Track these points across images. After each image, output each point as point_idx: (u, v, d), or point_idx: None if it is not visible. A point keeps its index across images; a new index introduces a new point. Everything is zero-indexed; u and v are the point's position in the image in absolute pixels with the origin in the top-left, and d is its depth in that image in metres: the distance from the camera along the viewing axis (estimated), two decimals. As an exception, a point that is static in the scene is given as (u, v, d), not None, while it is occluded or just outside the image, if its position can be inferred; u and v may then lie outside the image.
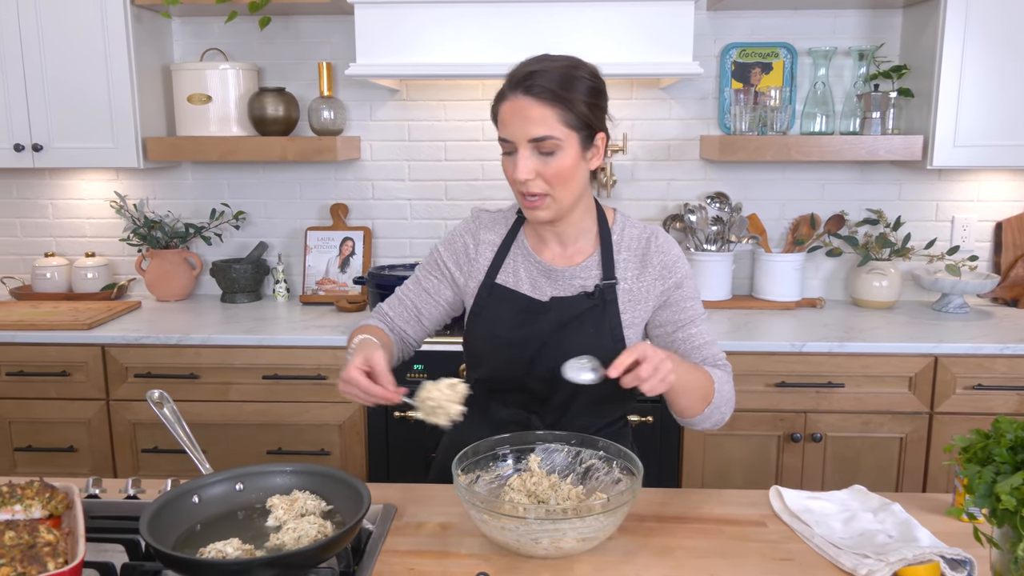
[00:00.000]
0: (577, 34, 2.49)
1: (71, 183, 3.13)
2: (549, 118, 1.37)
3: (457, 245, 1.61)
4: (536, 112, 1.37)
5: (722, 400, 1.45)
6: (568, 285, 1.52)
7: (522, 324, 1.51)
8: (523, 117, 1.37)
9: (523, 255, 1.56)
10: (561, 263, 1.54)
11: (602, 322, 1.48)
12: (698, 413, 1.43)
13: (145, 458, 2.62)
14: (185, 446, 1.38)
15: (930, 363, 2.43)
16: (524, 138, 1.38)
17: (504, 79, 1.43)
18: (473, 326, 1.57)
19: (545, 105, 1.37)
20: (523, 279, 1.55)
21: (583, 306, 1.49)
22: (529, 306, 1.52)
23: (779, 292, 2.90)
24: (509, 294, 1.54)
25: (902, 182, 2.98)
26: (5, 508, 1.21)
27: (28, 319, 2.67)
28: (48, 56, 2.70)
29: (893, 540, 1.23)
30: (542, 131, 1.37)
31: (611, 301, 1.49)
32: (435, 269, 1.62)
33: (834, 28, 2.90)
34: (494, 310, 1.54)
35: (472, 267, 1.59)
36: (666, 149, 3.01)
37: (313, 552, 1.10)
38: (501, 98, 1.42)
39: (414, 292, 1.64)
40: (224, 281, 3.01)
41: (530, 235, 1.57)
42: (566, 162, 1.39)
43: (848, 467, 2.50)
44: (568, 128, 1.38)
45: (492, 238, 1.59)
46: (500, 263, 1.56)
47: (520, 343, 1.50)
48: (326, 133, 2.88)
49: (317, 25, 2.99)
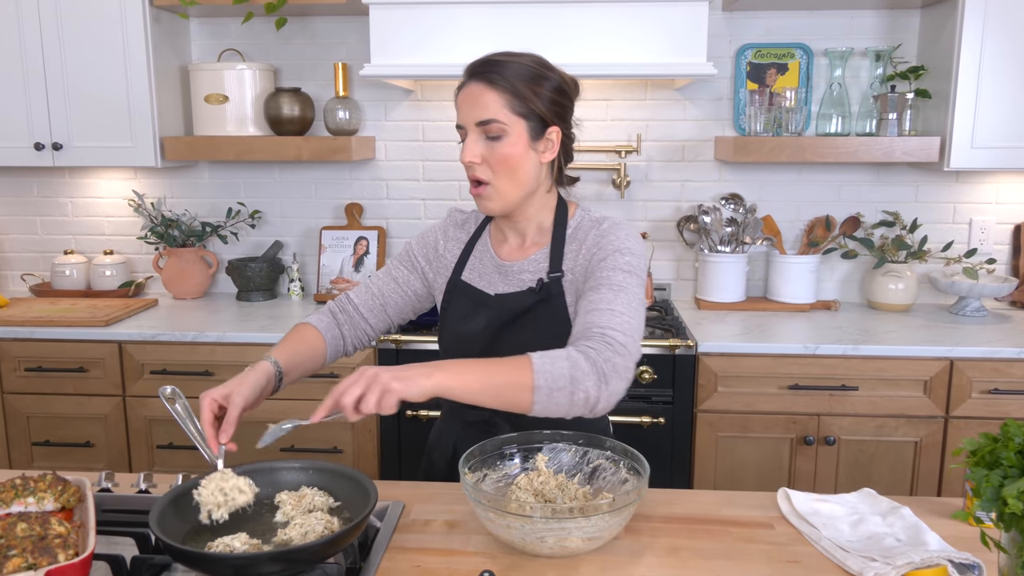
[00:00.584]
0: (591, 35, 2.49)
1: (90, 182, 3.16)
2: (495, 102, 1.40)
3: (428, 240, 1.64)
4: (485, 97, 1.40)
5: (555, 381, 1.22)
6: (517, 280, 1.52)
7: (474, 320, 1.52)
8: (472, 102, 1.41)
9: (483, 251, 1.58)
10: (515, 257, 1.54)
11: (547, 316, 1.47)
12: (530, 403, 1.23)
13: (160, 454, 2.64)
14: (196, 441, 1.39)
15: (946, 367, 2.41)
16: (472, 121, 1.42)
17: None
18: (441, 323, 1.59)
19: (493, 90, 1.40)
20: (480, 274, 1.56)
21: (527, 301, 1.48)
22: (481, 300, 1.53)
23: (793, 294, 2.88)
24: (468, 289, 1.56)
25: (919, 184, 2.96)
26: (18, 500, 1.22)
27: (47, 315, 2.70)
28: (68, 57, 2.73)
29: (901, 544, 1.22)
30: (487, 115, 1.40)
31: (557, 294, 1.47)
32: (406, 261, 1.65)
33: (851, 29, 2.88)
34: (456, 305, 1.56)
35: (440, 263, 1.62)
36: (680, 150, 3.00)
37: (319, 547, 1.10)
38: (459, 88, 1.46)
39: (383, 281, 1.65)
40: (240, 279, 3.03)
41: (493, 232, 1.60)
42: (511, 149, 1.41)
43: (862, 471, 2.48)
44: (514, 114, 1.40)
45: (461, 235, 1.62)
46: (466, 260, 1.59)
47: (472, 340, 1.51)
48: (341, 133, 2.90)
49: (333, 26, 3.00)
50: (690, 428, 2.49)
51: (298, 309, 2.92)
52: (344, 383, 1.19)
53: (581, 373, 1.24)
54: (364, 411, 1.18)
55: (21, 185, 3.18)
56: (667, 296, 3.06)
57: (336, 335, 1.61)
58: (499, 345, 1.48)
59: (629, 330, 1.31)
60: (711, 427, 2.48)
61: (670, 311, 2.84)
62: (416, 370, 1.21)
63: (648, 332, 2.54)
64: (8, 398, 2.65)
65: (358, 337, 1.64)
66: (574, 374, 1.23)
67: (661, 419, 2.46)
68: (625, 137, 2.99)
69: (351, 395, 1.17)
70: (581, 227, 1.51)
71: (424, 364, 1.22)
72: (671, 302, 2.99)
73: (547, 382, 1.22)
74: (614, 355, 1.27)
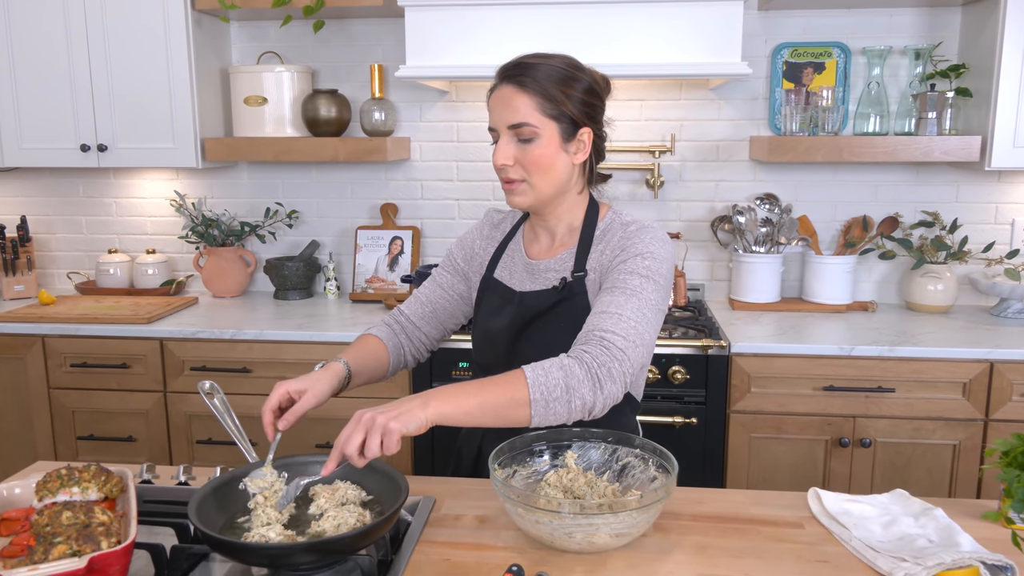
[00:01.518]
0: (625, 35, 2.49)
1: (134, 182, 3.24)
2: (527, 106, 1.41)
3: (466, 241, 1.69)
4: (516, 100, 1.42)
5: (550, 392, 1.24)
6: (543, 279, 1.54)
7: (501, 317, 1.54)
8: (504, 105, 1.43)
9: (516, 250, 1.60)
10: (544, 256, 1.56)
11: (569, 315, 1.47)
12: (528, 417, 1.25)
13: (199, 449, 2.70)
14: (233, 435, 1.42)
15: (985, 369, 2.37)
16: (504, 124, 1.43)
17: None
18: (474, 320, 1.63)
19: (525, 93, 1.41)
20: (511, 273, 1.59)
21: (550, 300, 1.50)
22: (507, 297, 1.56)
23: (829, 295, 2.86)
24: (499, 287, 1.59)
25: (960, 184, 2.91)
26: (63, 490, 1.27)
27: (91, 313, 2.78)
28: (113, 61, 2.80)
29: (933, 545, 1.21)
30: (519, 118, 1.41)
31: (580, 294, 1.48)
32: (448, 265, 1.69)
33: (889, 27, 2.85)
34: (487, 303, 1.59)
35: (476, 262, 1.66)
36: (715, 150, 2.99)
37: (352, 539, 1.13)
38: (491, 90, 1.47)
39: (429, 289, 1.69)
40: (277, 278, 3.08)
41: (526, 231, 1.62)
42: (543, 150, 1.42)
43: (898, 474, 2.45)
44: (546, 117, 1.42)
45: (496, 235, 1.66)
46: (499, 258, 1.62)
47: (497, 336, 1.54)
48: (377, 134, 2.93)
49: (369, 28, 3.04)
50: (723, 429, 2.48)
51: (333, 308, 2.96)
52: (345, 432, 1.18)
53: (576, 380, 1.25)
54: (369, 456, 1.17)
55: (67, 186, 3.27)
56: (701, 296, 3.04)
57: (397, 344, 1.65)
58: (522, 342, 1.50)
59: (632, 335, 1.31)
60: (744, 428, 2.47)
61: (703, 311, 2.83)
62: (411, 403, 1.20)
63: (681, 332, 2.53)
64: (54, 393, 2.73)
65: (416, 348, 1.68)
66: (568, 382, 1.25)
67: (694, 419, 2.45)
68: (659, 137, 2.99)
69: (353, 443, 1.16)
70: (610, 228, 1.51)
71: (418, 395, 1.22)
72: (705, 302, 2.98)
73: (543, 394, 1.23)
74: (610, 360, 1.28)
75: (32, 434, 2.76)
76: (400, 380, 2.58)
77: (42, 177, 3.27)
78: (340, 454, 1.19)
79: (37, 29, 2.80)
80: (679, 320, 2.68)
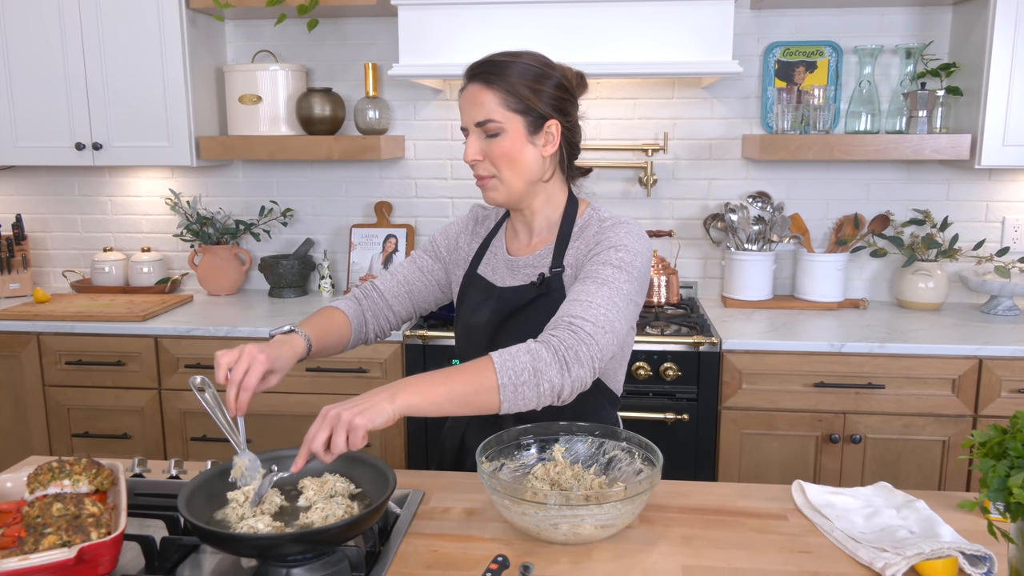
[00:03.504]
0: (617, 33, 2.51)
1: (129, 181, 3.25)
2: (491, 102, 1.43)
3: (451, 233, 1.70)
4: (481, 97, 1.44)
5: (518, 376, 1.24)
6: (523, 274, 1.55)
7: (482, 312, 1.56)
8: (471, 103, 1.46)
9: (498, 247, 1.62)
10: (523, 252, 1.58)
11: (548, 310, 1.46)
12: (497, 403, 1.25)
13: (194, 446, 2.71)
14: (224, 429, 1.43)
15: (975, 365, 2.39)
16: (471, 122, 1.46)
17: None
18: (456, 315, 1.64)
19: (489, 90, 1.44)
20: (493, 269, 1.61)
21: (529, 295, 1.52)
22: (489, 293, 1.58)
23: (821, 292, 2.87)
24: (481, 283, 1.60)
25: (951, 182, 2.93)
26: (55, 482, 1.28)
27: (86, 311, 2.79)
28: (108, 59, 2.82)
29: (914, 536, 1.22)
30: (484, 114, 1.44)
31: (557, 289, 1.50)
32: (431, 251, 1.70)
33: (881, 26, 2.87)
34: (469, 298, 1.61)
35: (458, 256, 1.67)
36: (707, 148, 3.00)
37: (340, 530, 1.14)
38: (460, 90, 1.50)
39: (408, 270, 1.69)
40: (272, 276, 3.09)
41: (508, 228, 1.64)
42: (510, 144, 1.44)
43: (888, 469, 2.46)
44: (510, 111, 1.44)
45: (480, 231, 1.68)
46: (482, 255, 1.64)
47: (477, 331, 1.56)
48: (371, 132, 2.95)
49: (363, 27, 3.06)
50: (714, 425, 2.50)
51: (328, 305, 2.97)
52: (312, 429, 1.18)
53: (543, 364, 1.25)
54: (335, 452, 1.17)
55: (63, 184, 3.28)
56: (693, 294, 3.06)
57: (361, 321, 1.64)
58: (501, 337, 1.52)
59: (602, 321, 1.32)
60: (735, 424, 2.48)
61: (696, 309, 2.84)
62: (378, 396, 1.20)
63: (673, 330, 2.54)
64: (49, 390, 2.74)
65: (380, 324, 1.67)
66: (536, 365, 1.25)
67: (685, 416, 2.47)
68: (652, 135, 3.00)
69: (319, 440, 1.17)
70: (588, 224, 1.53)
71: (386, 387, 1.22)
72: (697, 300, 2.99)
73: (511, 379, 1.24)
74: (578, 343, 1.28)
75: (27, 431, 2.77)
76: (394, 372, 2.59)
77: (37, 175, 3.28)
78: (308, 451, 1.19)
79: (32, 27, 2.82)
80: (671, 317, 2.69)
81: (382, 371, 2.60)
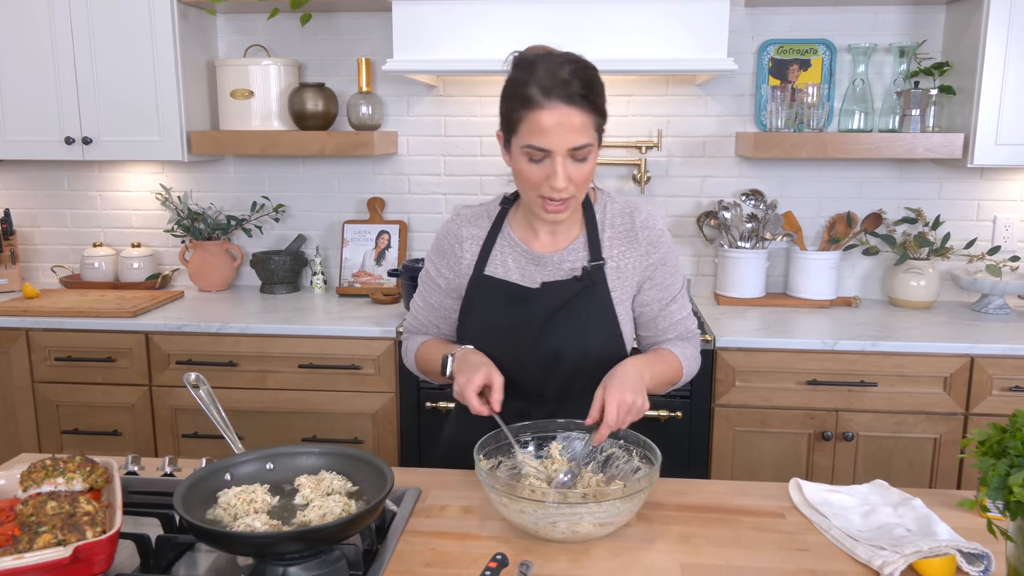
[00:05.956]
0: (612, 30, 2.50)
1: (119, 175, 3.23)
2: (587, 126, 1.37)
3: (443, 248, 1.63)
4: (576, 121, 1.36)
5: (687, 375, 1.61)
6: (557, 270, 1.54)
7: (515, 313, 1.53)
8: (567, 127, 1.35)
9: (510, 245, 1.57)
10: (550, 249, 1.56)
11: (593, 303, 1.51)
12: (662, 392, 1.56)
13: (185, 443, 2.70)
14: (218, 426, 1.43)
15: (966, 363, 2.40)
16: (565, 147, 1.36)
17: (518, 77, 1.40)
18: (465, 318, 1.60)
19: (583, 113, 1.36)
20: (512, 268, 1.56)
21: (573, 289, 1.52)
22: (520, 294, 1.54)
23: (814, 290, 2.88)
24: (498, 284, 1.56)
25: (943, 181, 2.94)
26: (48, 480, 1.27)
27: (76, 306, 2.77)
28: (98, 53, 2.79)
29: (911, 534, 1.23)
30: (583, 139, 1.37)
31: (600, 281, 1.52)
32: (432, 284, 1.66)
33: (875, 25, 2.87)
34: (484, 300, 1.57)
35: (460, 264, 1.60)
36: (701, 146, 3.00)
37: (337, 528, 1.13)
38: (532, 104, 1.36)
39: (426, 311, 1.69)
40: (263, 272, 3.08)
41: (518, 226, 1.59)
42: (592, 165, 1.42)
43: (880, 467, 2.47)
44: (596, 131, 1.41)
45: (476, 232, 1.60)
46: (487, 256, 1.58)
47: (514, 330, 1.53)
48: (364, 128, 2.93)
49: (356, 22, 3.04)
50: (708, 423, 2.50)
51: (320, 302, 2.96)
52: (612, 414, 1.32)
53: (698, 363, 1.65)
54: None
55: (52, 179, 3.25)
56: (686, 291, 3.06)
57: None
58: (549, 332, 1.51)
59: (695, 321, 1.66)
60: (728, 422, 2.49)
61: (689, 306, 2.85)
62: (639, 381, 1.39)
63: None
64: (38, 387, 2.72)
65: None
66: (696, 366, 1.64)
67: (678, 413, 2.47)
68: (646, 133, 3.00)
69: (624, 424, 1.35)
70: (609, 210, 1.56)
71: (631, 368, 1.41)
72: (690, 297, 2.99)
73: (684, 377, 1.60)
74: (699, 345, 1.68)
75: (16, 428, 2.75)
76: (387, 369, 2.58)
77: (26, 170, 3.25)
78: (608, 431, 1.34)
79: (21, 18, 2.79)
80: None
81: (375, 368, 2.59)
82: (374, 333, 2.57)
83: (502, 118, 1.44)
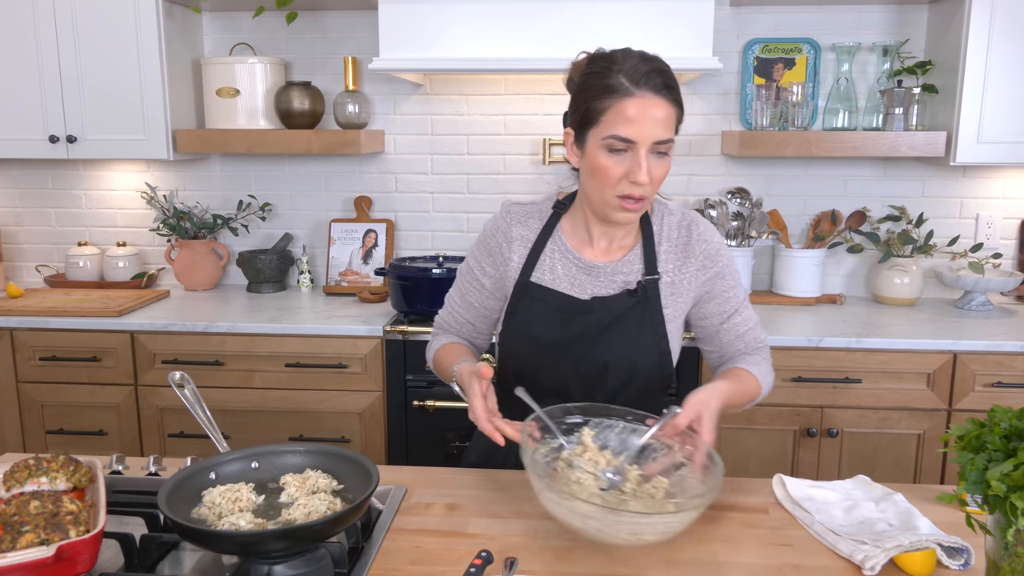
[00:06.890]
0: (598, 29, 2.51)
1: (104, 174, 3.21)
2: (672, 119, 1.34)
3: (491, 246, 1.56)
4: (664, 113, 1.32)
5: (765, 391, 1.55)
6: (610, 282, 1.48)
7: (563, 325, 1.47)
8: (653, 118, 1.31)
9: (561, 252, 1.51)
10: (603, 259, 1.50)
11: (644, 319, 1.45)
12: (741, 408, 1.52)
13: (171, 442, 2.69)
14: (204, 425, 1.43)
15: (949, 360, 2.42)
16: (651, 139, 1.32)
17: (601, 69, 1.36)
18: (509, 324, 1.53)
19: (671, 105, 1.34)
20: (560, 277, 1.50)
21: (626, 304, 1.46)
22: (569, 305, 1.48)
23: (799, 288, 2.90)
24: (546, 293, 1.49)
25: (926, 179, 2.96)
26: (31, 480, 1.26)
27: (61, 306, 2.75)
28: (82, 51, 2.77)
29: (893, 528, 1.24)
30: (668, 133, 1.34)
31: (653, 297, 1.47)
32: (474, 283, 1.59)
33: (858, 24, 2.89)
34: (530, 309, 1.50)
35: (507, 265, 1.53)
36: (687, 144, 3.02)
37: (322, 526, 1.14)
38: (620, 92, 1.32)
39: (463, 308, 1.62)
40: (250, 271, 3.07)
41: (570, 231, 1.52)
42: (670, 163, 1.38)
43: (865, 463, 2.49)
44: (677, 128, 1.38)
45: (525, 233, 1.53)
46: (535, 260, 1.51)
47: (562, 345, 1.47)
48: (351, 127, 2.93)
49: (343, 20, 3.04)
50: (694, 420, 2.51)
51: (307, 301, 2.96)
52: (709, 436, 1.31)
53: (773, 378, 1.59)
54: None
55: (36, 177, 3.23)
56: (673, 289, 3.07)
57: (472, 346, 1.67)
58: (599, 347, 1.46)
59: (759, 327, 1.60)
60: (715, 419, 2.50)
61: (675, 304, 2.86)
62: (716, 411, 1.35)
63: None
64: (23, 387, 2.70)
65: (478, 345, 1.69)
66: (771, 380, 1.58)
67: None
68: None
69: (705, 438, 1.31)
70: (667, 223, 1.50)
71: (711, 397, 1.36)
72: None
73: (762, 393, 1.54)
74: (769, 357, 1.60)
75: (0, 428, 2.73)
76: (374, 368, 2.58)
77: (10, 169, 3.23)
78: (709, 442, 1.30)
79: (4, 17, 2.76)
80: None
81: (362, 366, 2.59)
82: (361, 332, 2.56)
83: (577, 113, 1.38)
